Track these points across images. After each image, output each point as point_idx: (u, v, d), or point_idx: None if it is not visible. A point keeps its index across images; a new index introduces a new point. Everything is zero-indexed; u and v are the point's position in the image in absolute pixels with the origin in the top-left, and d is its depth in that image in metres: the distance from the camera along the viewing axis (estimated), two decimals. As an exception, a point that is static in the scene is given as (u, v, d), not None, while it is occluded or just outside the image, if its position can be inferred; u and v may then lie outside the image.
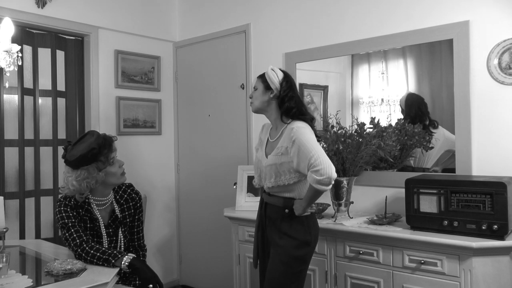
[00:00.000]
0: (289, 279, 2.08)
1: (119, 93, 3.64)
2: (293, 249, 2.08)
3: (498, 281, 2.01)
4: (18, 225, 3.12)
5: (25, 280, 1.79)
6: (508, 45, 2.31)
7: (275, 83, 2.15)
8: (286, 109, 2.13)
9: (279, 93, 2.14)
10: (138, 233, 2.36)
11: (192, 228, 3.93)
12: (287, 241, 2.10)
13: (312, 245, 2.15)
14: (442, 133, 2.59)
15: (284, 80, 2.16)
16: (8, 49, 2.03)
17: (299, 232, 2.09)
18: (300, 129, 2.03)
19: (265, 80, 2.18)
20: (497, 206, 2.02)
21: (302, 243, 2.09)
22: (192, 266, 3.97)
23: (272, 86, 2.15)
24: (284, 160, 2.07)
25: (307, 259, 2.14)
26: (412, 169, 2.66)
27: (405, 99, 2.73)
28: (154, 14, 3.90)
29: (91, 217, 2.18)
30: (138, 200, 2.36)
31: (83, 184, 2.10)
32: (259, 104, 2.21)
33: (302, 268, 2.12)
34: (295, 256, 2.08)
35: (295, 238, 2.09)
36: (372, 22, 2.81)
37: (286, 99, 2.13)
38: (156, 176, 3.90)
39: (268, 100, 2.18)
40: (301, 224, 2.10)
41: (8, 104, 3.12)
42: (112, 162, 2.18)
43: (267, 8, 3.38)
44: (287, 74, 2.21)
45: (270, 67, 2.21)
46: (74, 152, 2.10)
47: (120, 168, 2.24)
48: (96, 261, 1.94)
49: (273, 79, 2.15)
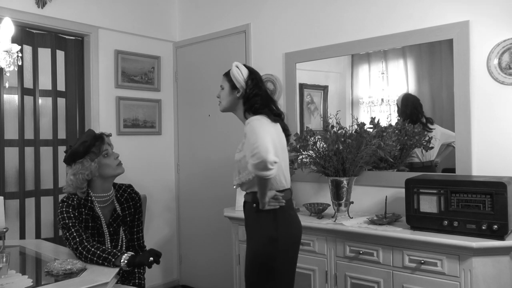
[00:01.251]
0: (261, 276, 2.02)
1: (119, 93, 3.64)
2: (260, 245, 2.03)
3: (498, 281, 2.01)
4: (18, 225, 3.12)
5: (25, 280, 1.79)
6: (508, 45, 2.31)
7: (241, 81, 2.10)
8: (249, 106, 2.09)
9: (245, 92, 2.11)
10: (138, 233, 2.38)
11: (192, 228, 3.94)
12: (255, 237, 2.06)
13: (280, 242, 2.02)
14: (438, 129, 2.62)
15: (249, 78, 2.11)
16: (8, 49, 2.03)
17: (266, 228, 2.03)
18: (251, 121, 1.97)
19: (230, 79, 2.13)
20: (497, 206, 2.02)
21: (269, 239, 2.01)
22: (192, 266, 3.97)
23: (238, 85, 2.11)
24: (241, 156, 2.04)
25: (276, 256, 2.02)
26: (422, 165, 2.67)
27: (401, 99, 2.75)
28: (154, 14, 3.90)
29: (93, 215, 2.21)
30: (138, 200, 2.39)
31: (79, 177, 2.16)
32: (226, 104, 2.17)
33: (274, 265, 2.02)
34: (262, 252, 2.02)
35: (261, 234, 2.03)
36: (372, 22, 2.81)
37: (250, 97, 2.09)
38: (156, 176, 3.90)
39: (235, 99, 2.14)
40: (268, 220, 2.03)
41: (8, 104, 3.12)
42: (106, 155, 2.23)
43: (267, 8, 3.38)
44: (252, 71, 2.15)
45: (235, 64, 2.15)
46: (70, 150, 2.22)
47: (115, 160, 2.27)
48: (96, 259, 1.95)
49: (238, 77, 2.10)
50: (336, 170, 2.59)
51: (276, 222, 2.03)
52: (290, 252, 2.09)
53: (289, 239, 2.07)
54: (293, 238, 2.10)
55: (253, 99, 2.08)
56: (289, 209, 2.10)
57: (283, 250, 2.04)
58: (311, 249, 2.56)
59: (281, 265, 2.04)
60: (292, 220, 2.12)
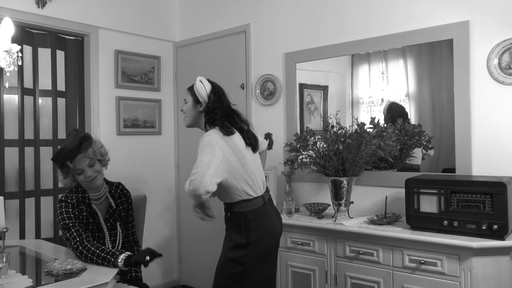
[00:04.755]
0: (227, 280, 2.08)
1: (119, 93, 3.64)
2: (228, 251, 2.10)
3: (498, 281, 2.01)
4: (18, 225, 3.12)
5: (25, 280, 1.79)
6: (508, 45, 2.31)
7: (203, 96, 2.13)
8: (209, 118, 2.12)
9: (207, 106, 2.13)
10: (132, 228, 2.43)
11: (192, 228, 3.93)
12: (225, 243, 2.14)
13: (250, 248, 2.05)
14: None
15: (212, 93, 2.14)
16: (8, 49, 2.03)
17: (235, 235, 2.09)
18: (204, 138, 2.02)
19: (194, 93, 2.16)
20: (497, 206, 2.02)
21: (237, 246, 2.07)
22: (192, 266, 3.97)
23: (201, 99, 2.14)
24: None
25: (243, 261, 2.05)
26: (410, 166, 2.68)
27: (386, 108, 2.79)
28: (154, 14, 3.90)
29: (91, 212, 2.27)
30: (129, 196, 2.46)
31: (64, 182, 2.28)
32: (190, 119, 2.20)
33: (239, 270, 2.06)
34: (229, 258, 2.08)
35: (230, 240, 2.11)
36: (372, 22, 2.81)
37: (211, 109, 2.12)
38: (156, 176, 3.90)
39: (198, 113, 2.17)
40: (238, 227, 2.08)
41: (8, 104, 3.12)
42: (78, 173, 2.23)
43: (267, 8, 3.38)
44: (215, 86, 2.18)
45: (198, 78, 2.18)
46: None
47: (85, 178, 2.25)
48: (96, 259, 1.96)
49: (201, 92, 2.13)
50: (336, 170, 2.59)
51: (245, 230, 2.06)
52: (260, 261, 2.10)
53: (259, 247, 2.08)
54: (263, 247, 2.09)
55: (213, 112, 2.11)
56: (262, 217, 2.10)
57: (251, 258, 2.06)
58: (311, 249, 2.56)
59: (247, 271, 2.07)
60: (265, 229, 2.10)
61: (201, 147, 1.98)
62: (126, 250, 2.29)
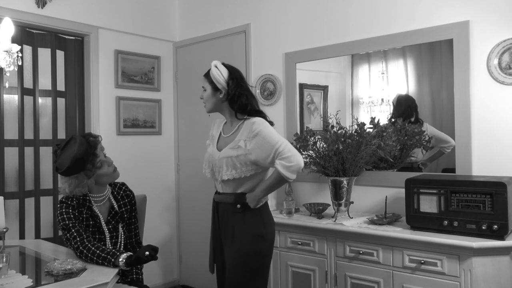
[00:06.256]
0: (249, 276, 2.03)
1: (119, 93, 3.64)
2: (248, 244, 2.03)
3: (498, 281, 2.01)
4: (18, 225, 3.12)
5: (25, 280, 1.79)
6: (508, 45, 2.31)
7: (221, 82, 2.09)
8: (240, 106, 2.09)
9: (227, 93, 2.10)
10: (135, 230, 2.41)
11: (192, 228, 3.93)
12: (241, 237, 2.05)
13: (268, 239, 2.08)
14: (430, 131, 2.64)
15: (230, 78, 2.09)
16: (8, 49, 2.03)
17: (253, 226, 2.05)
18: (263, 123, 2.03)
19: (211, 80, 2.11)
20: (497, 206, 2.02)
21: (257, 237, 2.04)
22: (192, 266, 3.97)
23: (219, 87, 2.09)
24: (240, 153, 2.02)
25: (265, 253, 2.08)
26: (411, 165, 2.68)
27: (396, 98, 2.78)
28: (154, 14, 3.90)
29: (92, 214, 2.23)
30: (132, 197, 2.43)
31: (76, 191, 2.16)
32: (211, 106, 2.17)
33: (261, 264, 2.06)
34: (251, 251, 2.03)
35: (248, 233, 2.04)
36: (372, 22, 2.81)
37: (236, 98, 2.09)
38: (156, 176, 3.90)
39: (219, 100, 2.13)
40: (254, 218, 2.06)
41: (8, 104, 3.12)
42: (99, 165, 2.20)
43: (267, 8, 3.38)
44: (231, 70, 2.13)
45: (214, 63, 2.12)
46: (61, 161, 2.13)
47: (110, 167, 2.26)
48: (96, 259, 1.95)
49: (219, 78, 2.08)
50: (336, 170, 2.59)
51: (262, 221, 2.09)
52: (272, 249, 2.17)
53: (273, 235, 2.16)
54: (274, 235, 2.19)
55: (239, 100, 2.09)
56: (268, 207, 2.17)
57: (269, 247, 2.12)
58: (311, 249, 2.56)
59: (268, 262, 2.12)
60: (272, 217, 2.19)
61: (268, 130, 2.00)
62: (129, 251, 2.27)
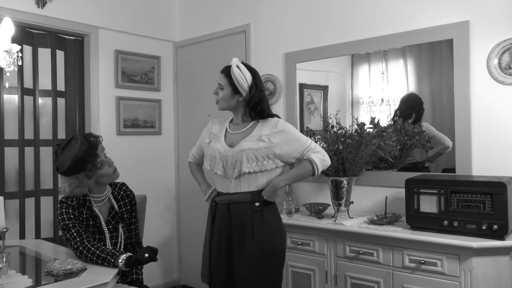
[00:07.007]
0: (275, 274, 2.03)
1: (119, 93, 3.64)
2: (271, 243, 2.01)
3: (498, 281, 2.01)
4: (18, 225, 3.12)
5: (25, 280, 1.79)
6: (508, 45, 2.31)
7: (245, 88, 2.04)
8: (260, 111, 2.08)
9: (249, 98, 2.06)
10: (135, 230, 2.41)
11: (192, 228, 3.93)
12: (262, 234, 1.99)
13: (283, 236, 2.10)
14: (429, 132, 2.64)
15: (254, 84, 2.05)
16: (8, 49, 2.03)
17: (272, 222, 2.05)
18: (287, 123, 2.12)
19: (232, 81, 2.05)
20: (497, 206, 2.02)
21: (276, 233, 2.05)
22: (192, 266, 3.96)
23: (241, 90, 2.04)
24: (262, 146, 2.01)
25: (283, 251, 2.08)
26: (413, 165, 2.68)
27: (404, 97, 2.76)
28: (154, 14, 3.90)
29: (92, 215, 2.23)
30: (133, 198, 2.42)
31: (76, 191, 2.16)
32: (226, 105, 2.12)
33: (283, 260, 2.07)
34: (275, 249, 2.02)
35: (269, 229, 2.02)
36: (372, 22, 2.81)
37: (257, 103, 2.06)
38: (156, 176, 3.90)
39: (236, 102, 2.09)
40: (272, 215, 2.06)
41: (8, 104, 3.12)
42: (100, 166, 2.20)
43: (267, 8, 3.38)
44: (255, 74, 2.09)
45: (235, 63, 2.06)
46: (62, 160, 2.13)
47: (110, 167, 2.26)
48: (96, 259, 1.95)
49: (242, 82, 2.03)
50: (336, 170, 2.59)
51: (278, 216, 2.13)
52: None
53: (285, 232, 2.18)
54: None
55: (260, 106, 2.07)
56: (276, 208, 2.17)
57: (285, 244, 2.14)
58: (311, 249, 2.56)
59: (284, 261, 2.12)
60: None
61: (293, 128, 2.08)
62: (129, 251, 2.28)
